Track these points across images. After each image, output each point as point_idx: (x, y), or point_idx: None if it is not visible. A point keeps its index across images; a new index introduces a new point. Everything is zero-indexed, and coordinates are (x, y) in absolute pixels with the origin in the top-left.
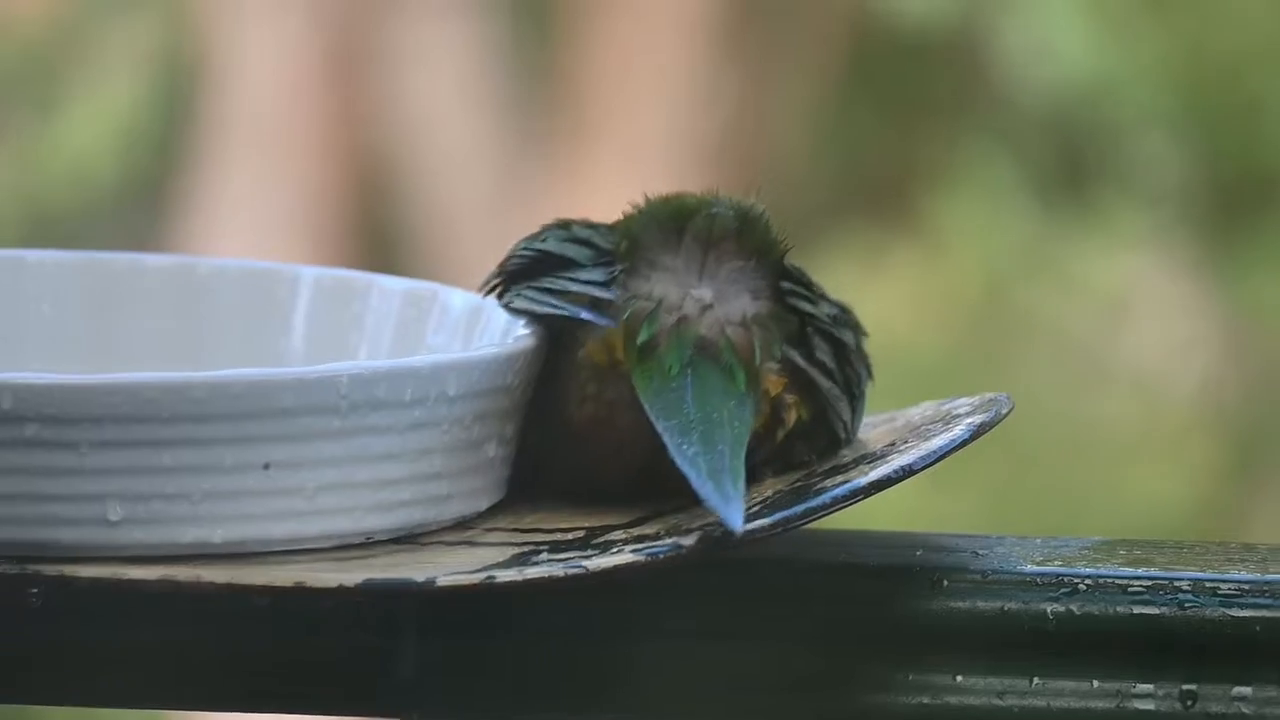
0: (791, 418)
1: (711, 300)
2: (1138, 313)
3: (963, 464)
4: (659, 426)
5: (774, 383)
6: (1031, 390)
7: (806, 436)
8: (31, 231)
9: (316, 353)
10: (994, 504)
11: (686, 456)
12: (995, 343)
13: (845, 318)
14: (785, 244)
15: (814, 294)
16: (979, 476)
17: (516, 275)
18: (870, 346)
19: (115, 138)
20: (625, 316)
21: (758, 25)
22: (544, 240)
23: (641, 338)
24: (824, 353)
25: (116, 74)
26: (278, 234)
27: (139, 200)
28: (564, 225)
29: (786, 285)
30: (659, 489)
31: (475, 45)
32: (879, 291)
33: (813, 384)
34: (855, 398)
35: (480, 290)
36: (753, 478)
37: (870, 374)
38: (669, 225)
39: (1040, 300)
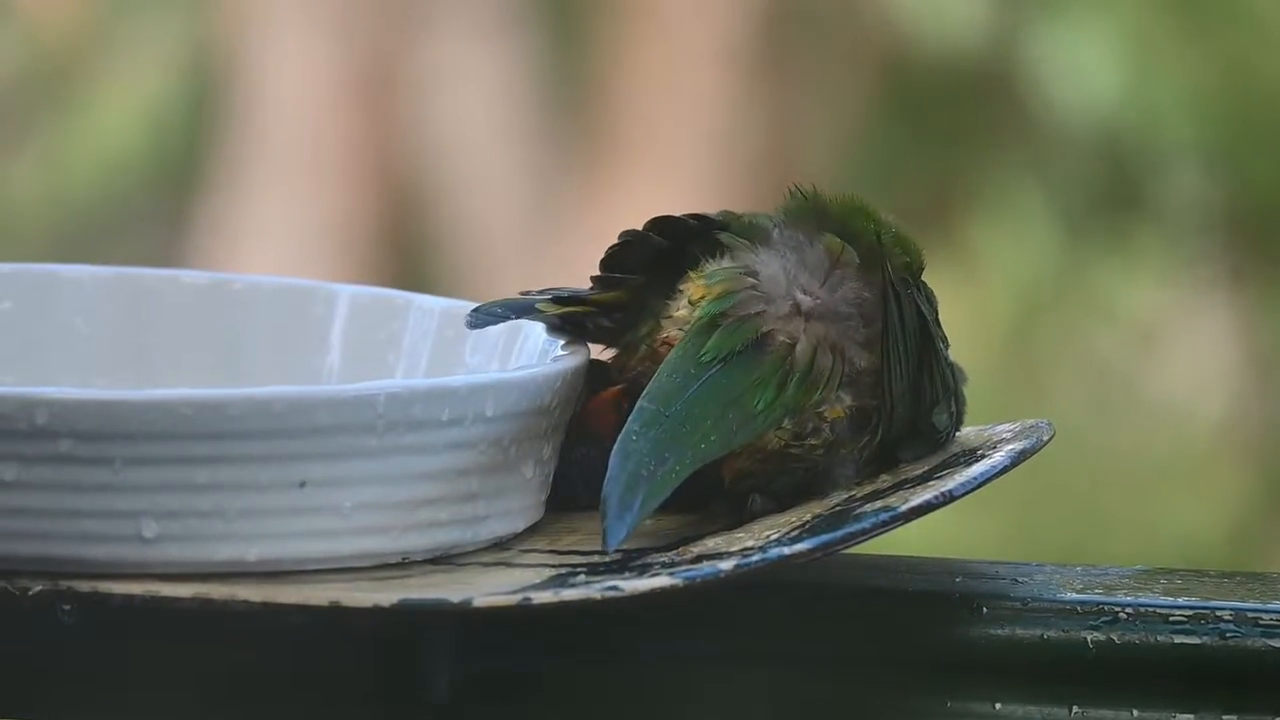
0: (829, 419)
1: (809, 309)
2: (1168, 341)
3: (988, 489)
4: (640, 400)
5: (832, 410)
6: (1060, 417)
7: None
8: (59, 234)
9: (353, 371)
10: (1020, 530)
11: (625, 449)
12: (1025, 369)
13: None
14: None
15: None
16: (1004, 502)
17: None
18: None
19: (145, 144)
20: (717, 278)
21: (792, 50)
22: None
23: (711, 309)
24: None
25: (147, 79)
26: (308, 252)
27: (168, 209)
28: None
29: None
30: (695, 513)
31: (508, 65)
32: None
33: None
34: (956, 399)
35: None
36: (834, 484)
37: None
38: (822, 224)
39: (1071, 327)
